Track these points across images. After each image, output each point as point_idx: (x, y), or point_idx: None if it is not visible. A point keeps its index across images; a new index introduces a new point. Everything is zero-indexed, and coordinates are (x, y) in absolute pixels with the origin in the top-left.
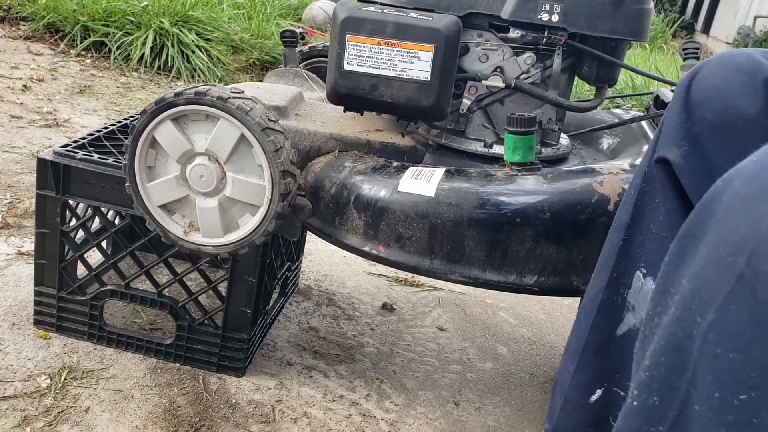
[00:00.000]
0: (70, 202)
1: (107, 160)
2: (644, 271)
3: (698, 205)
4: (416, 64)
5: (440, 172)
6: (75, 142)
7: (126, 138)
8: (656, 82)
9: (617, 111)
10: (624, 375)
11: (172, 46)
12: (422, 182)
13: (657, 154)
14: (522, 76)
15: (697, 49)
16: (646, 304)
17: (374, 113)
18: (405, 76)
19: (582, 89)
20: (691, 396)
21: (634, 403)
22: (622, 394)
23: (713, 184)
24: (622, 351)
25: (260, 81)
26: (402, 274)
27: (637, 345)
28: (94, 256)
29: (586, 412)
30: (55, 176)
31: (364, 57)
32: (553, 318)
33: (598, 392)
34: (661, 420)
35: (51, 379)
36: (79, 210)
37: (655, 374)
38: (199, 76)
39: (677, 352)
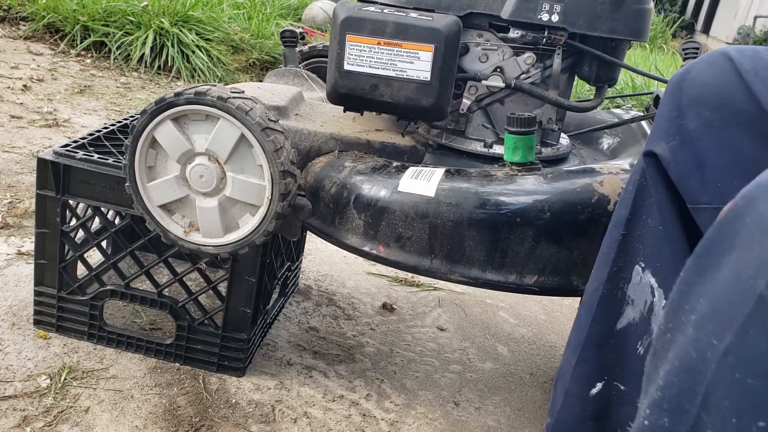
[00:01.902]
0: (70, 202)
1: (107, 160)
2: (643, 265)
3: (717, 223)
4: (416, 64)
5: (440, 172)
6: (75, 142)
7: (126, 138)
8: (656, 82)
9: (617, 111)
10: (623, 369)
11: (172, 46)
12: (422, 182)
13: (646, 148)
14: (522, 76)
15: (697, 49)
16: (644, 297)
17: (374, 113)
18: (405, 76)
19: (582, 89)
20: (703, 420)
21: (645, 422)
22: (622, 388)
23: (702, 177)
24: (622, 345)
25: (260, 81)
26: (402, 274)
27: (648, 359)
28: (94, 256)
29: (586, 405)
30: (55, 176)
31: (364, 57)
32: (553, 318)
33: (599, 386)
34: None
35: (51, 379)
36: (79, 210)
37: (666, 394)
38: (199, 76)
39: (689, 373)
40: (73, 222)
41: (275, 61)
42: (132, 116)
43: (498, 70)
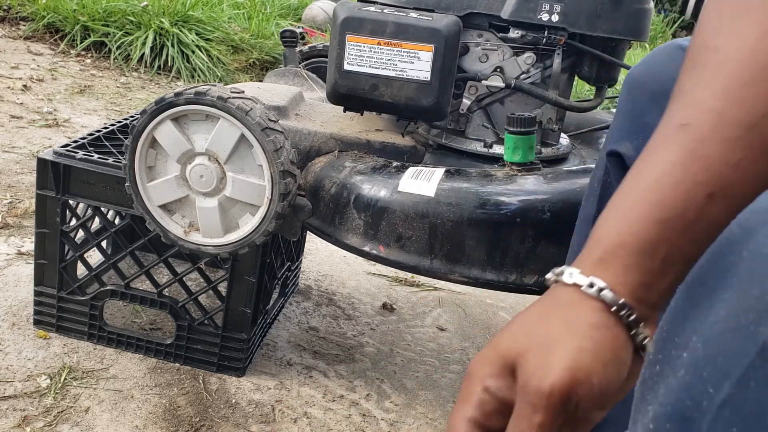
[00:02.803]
0: (70, 202)
1: (107, 160)
2: None
3: (710, 252)
4: (416, 64)
5: (440, 172)
6: (75, 142)
7: (126, 138)
8: None
9: None
10: None
11: (172, 46)
12: (422, 182)
13: (610, 147)
14: (522, 76)
15: None
16: None
17: (374, 113)
18: (405, 76)
19: (582, 89)
20: None
21: None
22: None
23: None
24: None
25: (260, 81)
26: (402, 274)
27: (636, 386)
28: (94, 256)
29: None
30: (55, 176)
31: (364, 57)
32: None
33: None
34: None
35: (51, 379)
36: (79, 210)
37: None
38: (199, 76)
39: (683, 422)
40: (73, 222)
41: (275, 61)
42: (132, 116)
43: (498, 70)
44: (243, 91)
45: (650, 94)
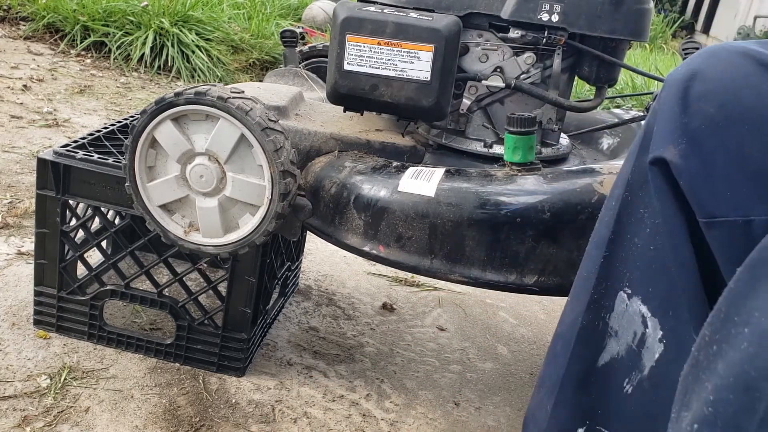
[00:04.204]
0: (70, 202)
1: (107, 160)
2: (629, 292)
3: None
4: (416, 64)
5: (440, 172)
6: (75, 142)
7: (126, 138)
8: (656, 82)
9: (617, 111)
10: (608, 411)
11: (172, 46)
12: (422, 182)
13: (652, 154)
14: (522, 76)
15: (697, 49)
16: (632, 327)
17: (374, 113)
18: (405, 76)
19: (582, 89)
20: None
21: None
22: None
23: (713, 188)
24: (606, 383)
25: (260, 81)
26: (402, 274)
27: (686, 369)
28: (94, 256)
29: None
30: (55, 176)
31: (364, 57)
32: (553, 318)
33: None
34: None
35: (51, 379)
36: (79, 210)
37: (720, 411)
38: (199, 76)
39: (747, 391)
40: (73, 222)
41: (275, 61)
42: (132, 116)
43: (498, 70)
44: (243, 91)
45: (698, 98)
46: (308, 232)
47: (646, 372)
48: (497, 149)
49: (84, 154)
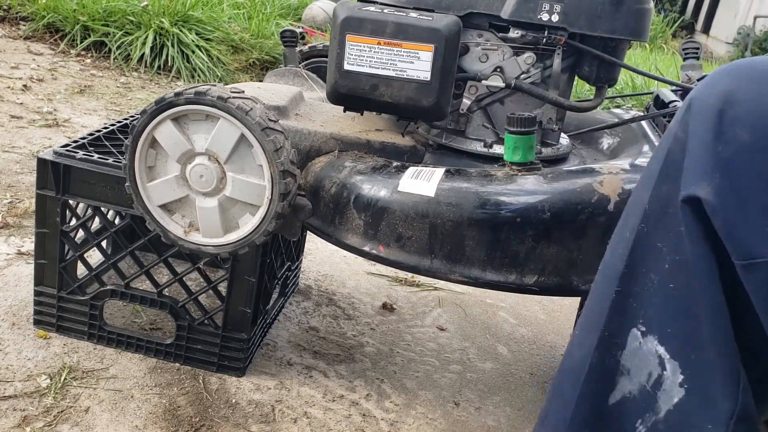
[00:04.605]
0: (70, 202)
1: (107, 160)
2: (643, 329)
3: None
4: (416, 64)
5: (440, 172)
6: (75, 142)
7: (126, 138)
8: (656, 82)
9: (617, 111)
10: None
11: (172, 46)
12: (422, 182)
13: (684, 191)
14: (522, 76)
15: (697, 49)
16: (647, 368)
17: (374, 113)
18: (405, 76)
19: (582, 89)
20: None
21: None
22: None
23: (752, 226)
24: (617, 423)
25: (260, 81)
26: (402, 274)
27: None
28: (94, 256)
29: None
30: (55, 176)
31: (364, 57)
32: (553, 318)
33: None
34: None
35: (51, 379)
36: (79, 210)
37: None
38: (199, 76)
39: None
40: (73, 222)
41: (275, 61)
42: (132, 116)
43: (498, 70)
44: (243, 91)
45: (731, 124)
46: (308, 232)
47: (661, 415)
48: (497, 149)
49: (84, 154)
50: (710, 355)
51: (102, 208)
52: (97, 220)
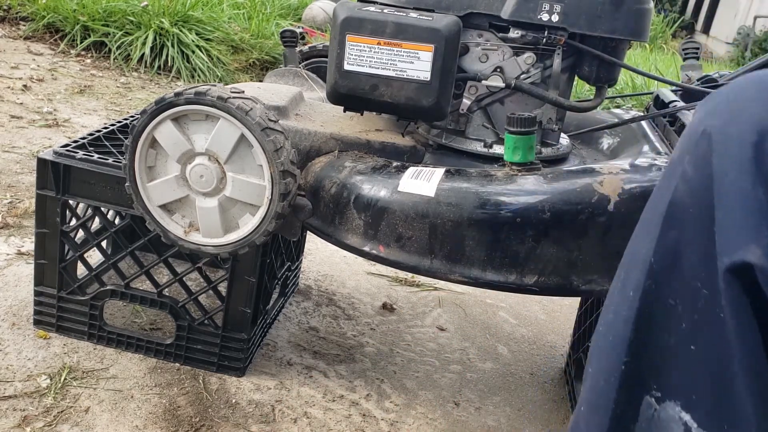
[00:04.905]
0: (70, 202)
1: (107, 160)
2: (658, 395)
3: None
4: (416, 64)
5: (440, 172)
6: (75, 142)
7: (126, 138)
8: (656, 82)
9: (617, 111)
10: None
11: (172, 46)
12: (422, 182)
13: (727, 259)
14: (522, 76)
15: (697, 49)
16: None
17: (374, 113)
18: (405, 76)
19: (582, 89)
20: None
21: None
22: None
23: None
24: None
25: (260, 81)
26: (402, 274)
27: None
28: (94, 256)
29: None
30: (55, 176)
31: (364, 57)
32: (553, 318)
33: None
34: None
35: (51, 379)
36: (79, 210)
37: None
38: (199, 76)
39: None
40: (73, 222)
41: (275, 61)
42: (132, 116)
43: (498, 70)
44: (243, 91)
45: None
46: (308, 232)
47: None
48: (497, 149)
49: (84, 154)
50: (750, 427)
51: (102, 208)
52: (97, 220)
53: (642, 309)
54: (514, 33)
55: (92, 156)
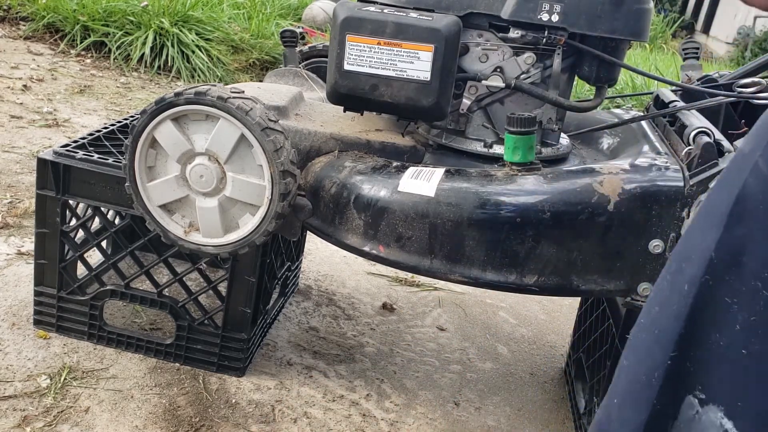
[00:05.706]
0: (70, 202)
1: (107, 160)
2: (702, 397)
3: None
4: (416, 64)
5: (440, 172)
6: (75, 142)
7: (126, 138)
8: (656, 82)
9: (617, 111)
10: None
11: (172, 46)
12: (422, 182)
13: None
14: (522, 76)
15: (697, 49)
16: None
17: (374, 113)
18: (405, 76)
19: (582, 89)
20: None
21: None
22: None
23: None
24: None
25: (260, 81)
26: (402, 274)
27: None
28: (94, 256)
29: None
30: (55, 176)
31: (364, 57)
32: (553, 318)
33: None
34: None
35: (51, 379)
36: (79, 210)
37: None
38: (199, 76)
39: None
40: (73, 222)
41: (275, 61)
42: (132, 116)
43: (498, 70)
44: (243, 91)
45: None
46: (308, 232)
47: None
48: (497, 149)
49: (84, 154)
50: None
51: (102, 208)
52: (97, 220)
53: (696, 304)
54: (514, 33)
55: (92, 156)
